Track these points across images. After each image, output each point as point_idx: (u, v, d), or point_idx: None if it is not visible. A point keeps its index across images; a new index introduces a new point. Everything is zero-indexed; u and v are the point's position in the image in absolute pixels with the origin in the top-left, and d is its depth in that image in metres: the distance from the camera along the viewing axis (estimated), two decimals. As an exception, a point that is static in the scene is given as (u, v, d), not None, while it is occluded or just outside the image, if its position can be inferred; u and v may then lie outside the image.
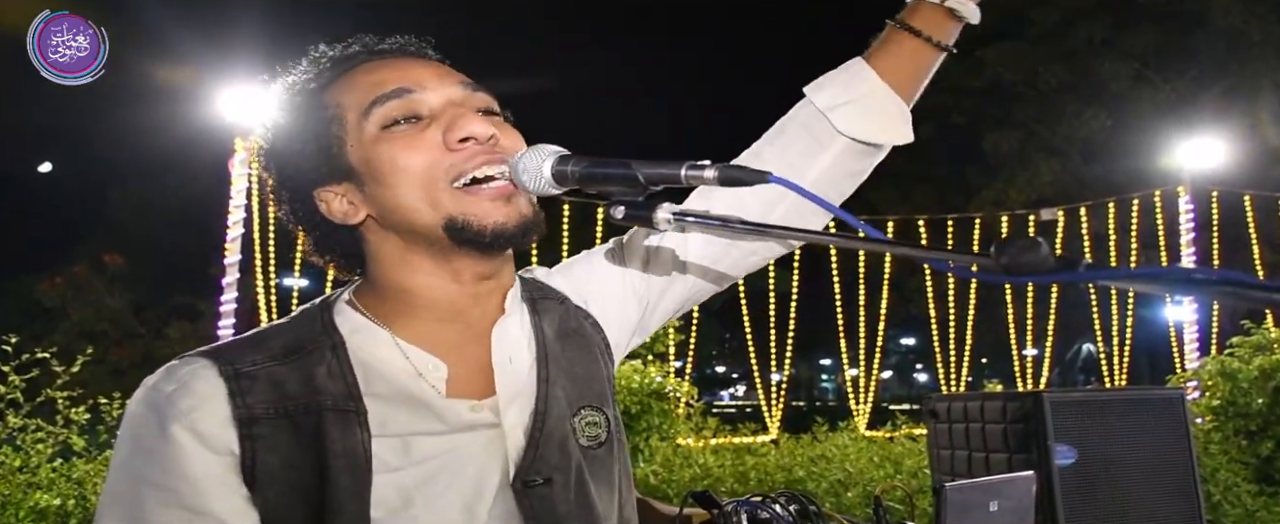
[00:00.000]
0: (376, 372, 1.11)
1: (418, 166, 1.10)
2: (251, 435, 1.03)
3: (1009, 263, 0.72)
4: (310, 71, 1.19)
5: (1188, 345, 10.56)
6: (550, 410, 1.15)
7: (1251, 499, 5.77)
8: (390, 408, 1.08)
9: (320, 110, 1.16)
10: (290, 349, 1.11)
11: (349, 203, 1.16)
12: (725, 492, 6.19)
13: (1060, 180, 18.70)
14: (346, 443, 1.04)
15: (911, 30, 1.33)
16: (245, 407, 1.04)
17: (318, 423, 1.05)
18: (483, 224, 1.10)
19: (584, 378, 1.22)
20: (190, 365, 1.08)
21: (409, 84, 1.14)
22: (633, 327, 1.36)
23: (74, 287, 19.73)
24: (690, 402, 8.84)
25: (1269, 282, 0.64)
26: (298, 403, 1.06)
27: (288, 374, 1.08)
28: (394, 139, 1.12)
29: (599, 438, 1.20)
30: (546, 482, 1.10)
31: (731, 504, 2.11)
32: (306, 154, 1.16)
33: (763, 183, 0.93)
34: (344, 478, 1.03)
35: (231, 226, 7.37)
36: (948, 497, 2.14)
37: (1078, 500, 3.60)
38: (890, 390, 48.54)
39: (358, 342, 1.14)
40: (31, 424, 5.27)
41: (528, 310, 1.24)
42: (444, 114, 1.13)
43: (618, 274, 1.34)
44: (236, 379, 1.06)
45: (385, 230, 1.16)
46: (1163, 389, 4.40)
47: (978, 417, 3.99)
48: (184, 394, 1.04)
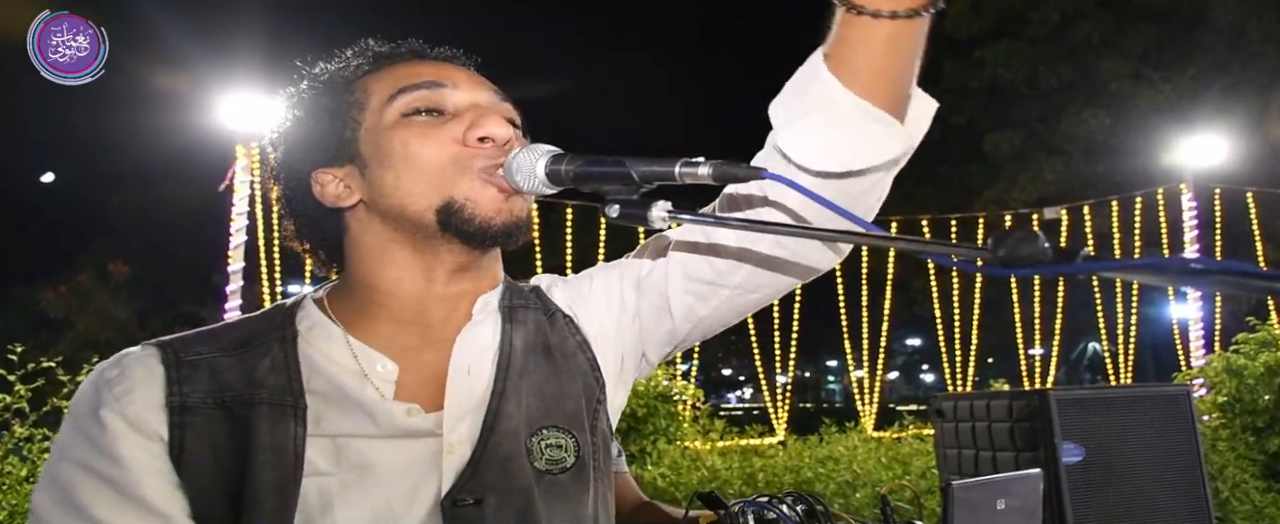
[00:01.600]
0: (319, 368, 1.10)
1: (428, 156, 1.11)
2: (182, 423, 1.03)
3: (1007, 255, 0.72)
4: (356, 60, 1.20)
5: (1193, 343, 10.53)
6: (497, 426, 1.10)
7: (1259, 496, 5.75)
8: (327, 406, 1.07)
9: (346, 94, 1.17)
10: (242, 341, 1.11)
11: (345, 186, 1.16)
12: (733, 493, 6.18)
13: (1063, 179, 18.67)
14: (276, 437, 1.03)
15: (850, 7, 0.99)
16: (179, 394, 1.04)
17: (250, 415, 1.04)
18: (474, 211, 1.10)
19: (553, 396, 1.17)
20: (137, 352, 1.10)
21: (440, 78, 1.15)
22: (635, 354, 1.29)
23: (78, 296, 19.75)
24: (697, 404, 8.83)
25: (1271, 271, 0.63)
26: (233, 394, 1.06)
27: (231, 366, 1.08)
28: (411, 126, 1.12)
29: (562, 463, 1.12)
30: (477, 502, 1.05)
31: (738, 505, 2.11)
32: (318, 132, 1.16)
33: (757, 179, 0.92)
34: (266, 473, 1.01)
35: (234, 234, 7.38)
36: (955, 495, 2.13)
37: (1085, 498, 3.59)
38: (897, 391, 48.53)
39: (309, 337, 1.13)
40: (37, 434, 5.27)
41: (501, 319, 1.20)
42: (467, 113, 1.14)
43: (616, 296, 1.28)
44: (177, 367, 1.06)
45: (371, 217, 1.16)
46: (1169, 386, 4.38)
47: (984, 416, 3.98)
48: (121, 379, 1.06)
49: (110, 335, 19.20)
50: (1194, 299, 10.85)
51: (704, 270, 1.18)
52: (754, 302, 1.24)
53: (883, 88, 1.03)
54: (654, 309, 1.25)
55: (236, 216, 7.41)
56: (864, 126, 1.03)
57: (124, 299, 20.47)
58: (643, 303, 1.25)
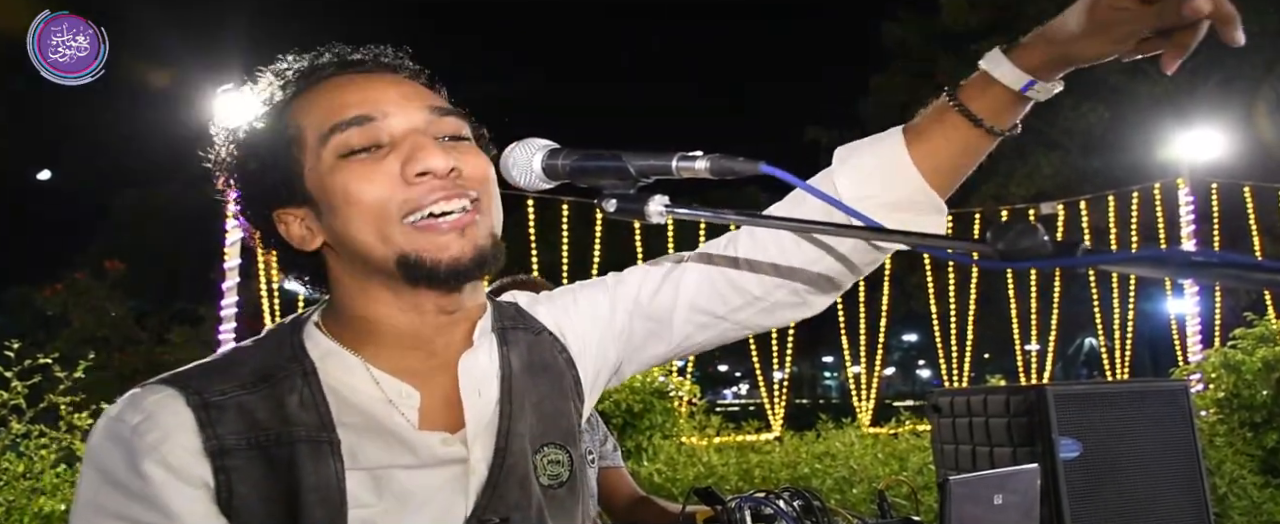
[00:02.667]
0: (347, 400, 1.08)
1: (370, 199, 1.06)
2: (225, 467, 1.00)
3: (1006, 248, 0.71)
4: (277, 83, 1.15)
5: (1190, 338, 10.54)
6: (511, 447, 1.11)
7: (1257, 491, 5.75)
8: (361, 439, 1.05)
9: (281, 129, 1.12)
10: (260, 376, 1.07)
11: (306, 228, 1.13)
12: (730, 489, 6.18)
13: (1059, 174, 18.69)
14: (320, 476, 1.01)
15: (969, 116, 1.12)
16: (216, 437, 1.01)
17: (291, 455, 1.02)
18: (436, 259, 1.06)
19: (551, 415, 1.18)
20: (155, 395, 1.04)
21: (370, 110, 1.09)
22: (610, 369, 1.31)
23: (75, 293, 19.69)
24: (693, 400, 8.84)
25: (1269, 262, 0.63)
26: (269, 433, 1.03)
27: (258, 403, 1.05)
28: (350, 168, 1.07)
29: (560, 478, 1.15)
30: (504, 521, 1.07)
31: (735, 500, 2.11)
32: (265, 173, 1.12)
33: (753, 173, 0.91)
34: (317, 511, 1.00)
35: (230, 231, 7.37)
36: (952, 490, 2.13)
37: (1082, 493, 3.59)
38: (893, 387, 48.54)
39: (328, 368, 1.10)
40: (35, 431, 5.26)
41: (496, 342, 1.20)
42: (405, 142, 1.08)
43: (604, 314, 1.28)
44: (205, 409, 1.02)
45: (342, 259, 1.13)
46: (1167, 381, 4.38)
47: (981, 411, 3.98)
48: (151, 427, 1.00)
49: (107, 332, 19.17)
50: (1191, 294, 10.86)
51: (715, 305, 1.23)
52: (744, 333, 1.30)
53: (945, 183, 1.16)
54: (647, 333, 1.27)
55: (232, 214, 7.40)
56: (925, 211, 1.16)
57: (120, 296, 20.42)
58: (636, 325, 1.27)
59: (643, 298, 1.25)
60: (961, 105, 1.12)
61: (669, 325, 1.24)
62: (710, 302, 1.21)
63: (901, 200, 1.14)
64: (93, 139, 29.52)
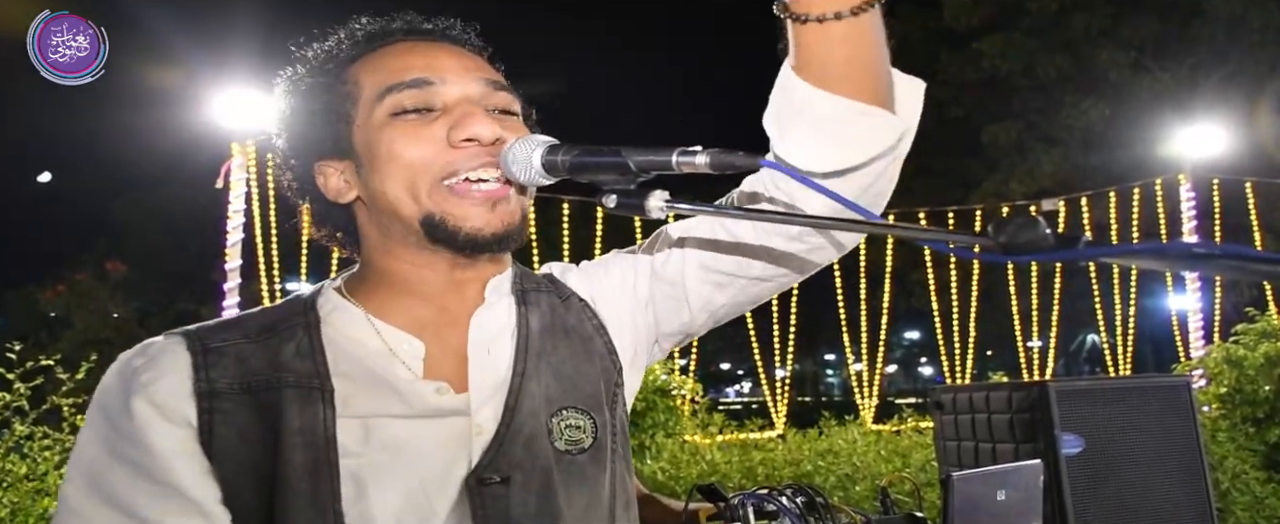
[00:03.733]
0: (345, 350, 1.10)
1: (412, 158, 1.09)
2: (210, 409, 1.03)
3: (1007, 242, 0.71)
4: (347, 42, 1.19)
5: (1192, 334, 10.52)
6: (521, 406, 1.10)
7: (1260, 486, 5.75)
8: (355, 387, 1.07)
9: (339, 84, 1.15)
10: (265, 328, 1.11)
11: (344, 181, 1.16)
12: (733, 487, 6.18)
13: (1061, 171, 18.65)
14: (305, 420, 1.03)
15: (795, 17, 1.04)
16: (207, 381, 1.04)
17: (278, 399, 1.04)
18: (458, 225, 1.09)
19: (572, 378, 1.17)
20: (162, 341, 1.10)
21: (429, 74, 1.13)
22: (648, 338, 1.29)
23: (77, 295, 19.75)
24: (696, 398, 8.83)
25: (1270, 253, 0.63)
26: (260, 379, 1.06)
27: (255, 351, 1.08)
28: (398, 127, 1.11)
29: (581, 443, 1.13)
30: (503, 480, 1.05)
31: (738, 497, 2.10)
32: (315, 124, 1.16)
33: (754, 168, 0.92)
34: (296, 454, 1.01)
35: (231, 231, 7.37)
36: (955, 487, 2.13)
37: (1085, 489, 3.59)
38: (896, 384, 48.53)
39: (333, 321, 1.13)
40: (38, 432, 5.27)
41: (515, 302, 1.20)
42: (456, 109, 1.11)
43: (630, 282, 1.27)
44: (203, 354, 1.06)
45: (372, 213, 1.16)
46: (1169, 377, 4.38)
47: (984, 407, 3.98)
48: (148, 367, 1.05)
49: (109, 334, 19.20)
50: (1193, 290, 10.85)
51: (723, 262, 1.19)
52: (769, 289, 1.25)
53: (856, 82, 1.04)
54: (669, 299, 1.25)
55: (233, 214, 7.40)
56: (852, 123, 1.05)
57: (122, 298, 20.46)
58: (657, 292, 1.25)
59: (656, 264, 1.25)
60: (798, 15, 1.03)
61: (684, 288, 1.23)
62: (717, 260, 1.20)
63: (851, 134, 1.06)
64: (94, 141, 29.56)
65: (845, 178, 1.07)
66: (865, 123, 1.05)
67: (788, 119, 1.08)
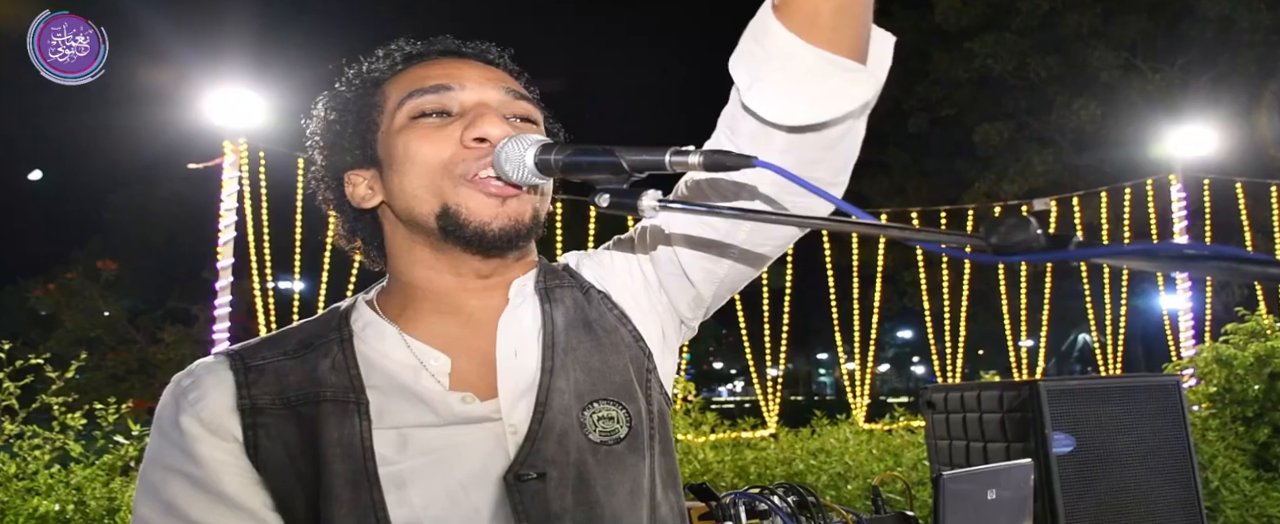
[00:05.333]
0: (377, 365, 1.15)
1: (428, 157, 1.13)
2: (255, 424, 1.10)
3: (999, 242, 0.72)
4: (384, 63, 1.24)
5: (1183, 333, 10.56)
6: (551, 402, 1.13)
7: (1249, 485, 5.77)
8: (388, 400, 1.11)
9: (370, 98, 1.20)
10: (303, 345, 1.17)
11: (369, 188, 1.21)
12: (725, 485, 6.19)
13: (1052, 171, 18.71)
14: (343, 432, 1.08)
15: None
16: (249, 397, 1.11)
17: (316, 413, 1.09)
18: (468, 218, 1.12)
19: (600, 370, 1.19)
20: (208, 361, 1.18)
21: (448, 81, 1.17)
22: (672, 320, 1.30)
23: (67, 293, 19.64)
24: (688, 397, 8.84)
25: (1261, 255, 0.63)
26: (298, 394, 1.12)
27: (294, 368, 1.14)
28: (416, 129, 1.15)
29: (616, 433, 1.15)
30: (540, 476, 1.08)
31: (730, 496, 2.11)
32: (345, 135, 1.21)
33: (748, 167, 0.92)
34: (338, 465, 1.06)
35: (223, 230, 7.35)
36: (946, 486, 2.14)
37: (1076, 488, 3.60)
38: (888, 383, 48.64)
39: (366, 336, 1.18)
40: (28, 431, 5.25)
41: (540, 301, 1.23)
42: (471, 112, 1.15)
43: (635, 270, 1.30)
44: (245, 372, 1.13)
45: (395, 219, 1.20)
46: (1160, 376, 4.40)
47: (975, 406, 3.99)
48: (195, 387, 1.13)
49: (99, 332, 19.11)
50: (1183, 289, 10.89)
51: (706, 232, 1.21)
52: (767, 253, 1.23)
53: (841, 34, 1.01)
54: (672, 277, 1.27)
55: (225, 212, 7.38)
56: (829, 76, 1.01)
57: (113, 296, 20.37)
58: (660, 273, 1.28)
59: (650, 249, 1.28)
60: None
61: (681, 265, 1.25)
62: (700, 231, 1.21)
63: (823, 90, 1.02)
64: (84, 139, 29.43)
65: (817, 132, 1.04)
66: (843, 78, 1.02)
67: (761, 66, 1.03)
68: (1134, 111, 17.69)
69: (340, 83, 1.26)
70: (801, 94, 1.02)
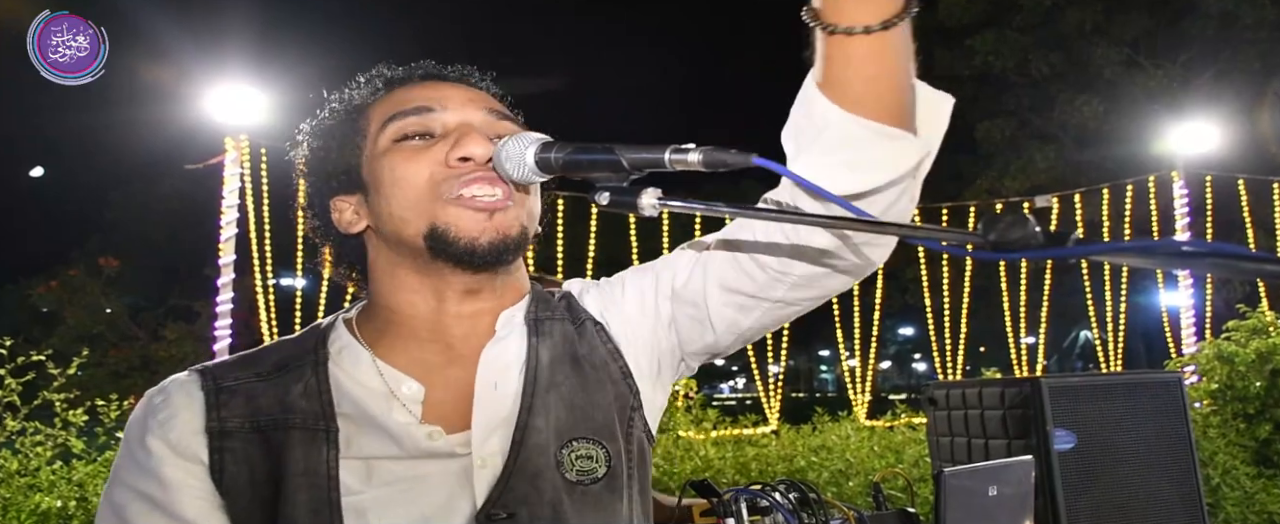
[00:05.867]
0: (347, 392, 1.13)
1: (413, 178, 1.12)
2: (221, 447, 1.08)
3: (998, 239, 0.72)
4: (367, 88, 1.23)
5: (1184, 330, 10.56)
6: (527, 440, 1.11)
7: (1250, 482, 5.78)
8: (357, 429, 1.10)
9: (352, 124, 1.20)
10: (278, 366, 1.15)
11: (355, 212, 1.20)
12: (727, 482, 6.19)
13: (1054, 167, 18.70)
14: (309, 462, 1.06)
15: (824, 26, 0.99)
16: (218, 420, 1.09)
17: (284, 439, 1.08)
18: (458, 235, 1.11)
19: (583, 408, 1.17)
20: (181, 378, 1.15)
21: (430, 103, 1.17)
22: (672, 358, 1.27)
23: (69, 290, 19.66)
24: (690, 394, 8.84)
25: (1261, 253, 0.63)
26: (267, 418, 1.10)
27: (265, 391, 1.12)
28: (400, 151, 1.14)
29: (594, 473, 1.13)
30: (510, 516, 1.07)
31: (731, 493, 2.11)
32: (330, 161, 1.20)
33: (746, 165, 0.91)
34: (300, 495, 1.05)
35: (225, 227, 7.36)
36: (947, 482, 2.14)
37: (1077, 484, 3.60)
38: (889, 380, 48.64)
39: (341, 360, 1.16)
40: (30, 428, 5.26)
41: (527, 333, 1.20)
42: (454, 133, 1.15)
43: (650, 301, 1.25)
44: (216, 393, 1.11)
45: (381, 243, 1.19)
46: (1161, 373, 4.40)
47: (976, 403, 3.99)
48: (165, 406, 1.11)
49: (101, 329, 19.14)
50: (1185, 286, 10.88)
51: (744, 284, 1.15)
52: (794, 312, 1.21)
53: (880, 102, 1.00)
54: (691, 321, 1.22)
55: (227, 209, 7.39)
56: (872, 145, 1.01)
57: (115, 293, 20.39)
58: (679, 313, 1.23)
59: (677, 284, 1.23)
60: (827, 24, 0.99)
61: (706, 310, 1.20)
62: (738, 281, 1.16)
63: (867, 157, 1.01)
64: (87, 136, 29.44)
65: (865, 200, 1.02)
66: (886, 146, 1.01)
67: (806, 137, 1.04)
68: (1136, 108, 17.67)
69: (324, 110, 1.25)
70: (844, 164, 1.01)
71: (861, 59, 0.98)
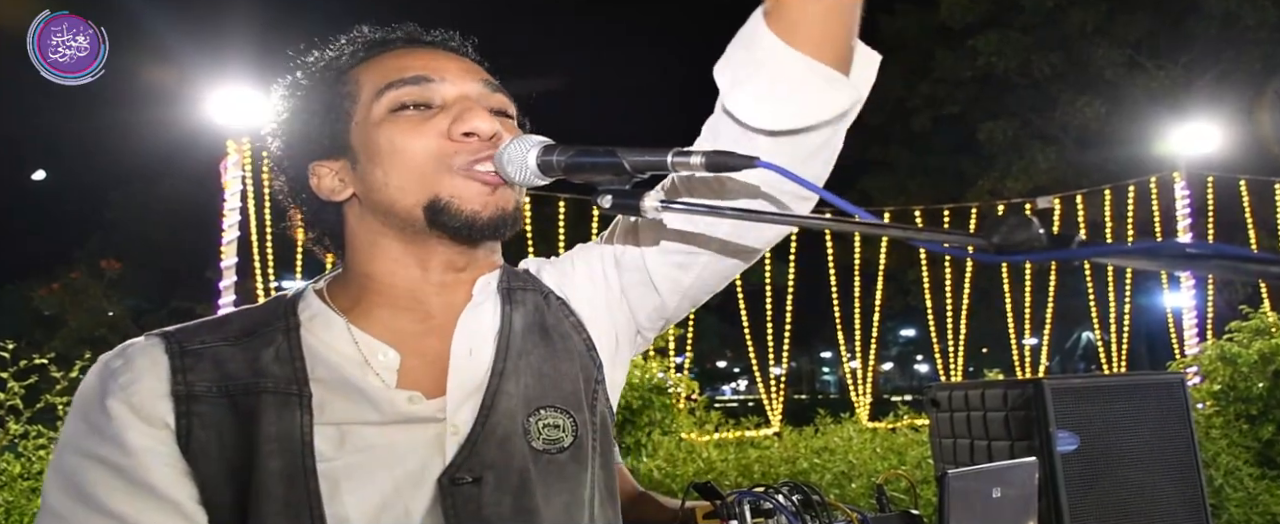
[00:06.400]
0: (322, 357, 1.11)
1: (415, 151, 1.11)
2: (188, 412, 1.03)
3: (1001, 242, 0.72)
4: (348, 49, 1.21)
5: (1187, 331, 10.55)
6: (496, 405, 1.11)
7: (1253, 483, 5.77)
8: (330, 394, 1.07)
9: (339, 85, 1.17)
10: (245, 331, 1.12)
11: (339, 180, 1.17)
12: (729, 484, 6.19)
13: (1056, 168, 18.70)
14: (282, 426, 1.03)
15: None
16: (184, 383, 1.05)
17: (255, 404, 1.04)
18: (460, 207, 1.10)
19: (552, 377, 1.17)
20: (141, 342, 1.10)
21: (429, 73, 1.15)
22: (629, 330, 1.29)
23: (71, 293, 19.70)
24: (692, 396, 8.83)
25: (1264, 254, 0.63)
26: (238, 383, 1.06)
27: (234, 354, 1.08)
28: (399, 122, 1.13)
29: (560, 442, 1.13)
30: (475, 480, 1.05)
31: (734, 495, 2.11)
32: (313, 125, 1.18)
33: (750, 167, 0.91)
34: (273, 461, 1.02)
35: (226, 230, 7.36)
36: (950, 484, 2.13)
37: (1080, 486, 3.60)
38: (892, 382, 48.61)
39: (313, 327, 1.14)
40: (32, 431, 5.26)
41: (501, 301, 1.21)
42: (455, 106, 1.14)
43: (599, 276, 1.28)
44: (181, 356, 1.07)
45: (364, 211, 1.17)
46: (1164, 374, 4.39)
47: (979, 405, 3.98)
48: (126, 369, 1.06)
49: (103, 332, 19.16)
50: (1187, 287, 10.87)
51: (677, 241, 1.20)
52: (734, 265, 1.24)
53: (827, 44, 1.04)
54: (638, 285, 1.25)
55: (228, 212, 7.39)
56: (811, 84, 1.04)
57: (117, 296, 20.41)
58: (625, 280, 1.26)
59: (617, 253, 1.26)
60: None
61: (647, 272, 1.23)
62: (672, 239, 1.20)
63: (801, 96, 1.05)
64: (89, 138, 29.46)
65: (794, 139, 1.07)
66: (824, 87, 1.05)
67: (745, 70, 1.07)
68: (1138, 109, 17.66)
69: (298, 71, 1.22)
70: (781, 98, 1.04)
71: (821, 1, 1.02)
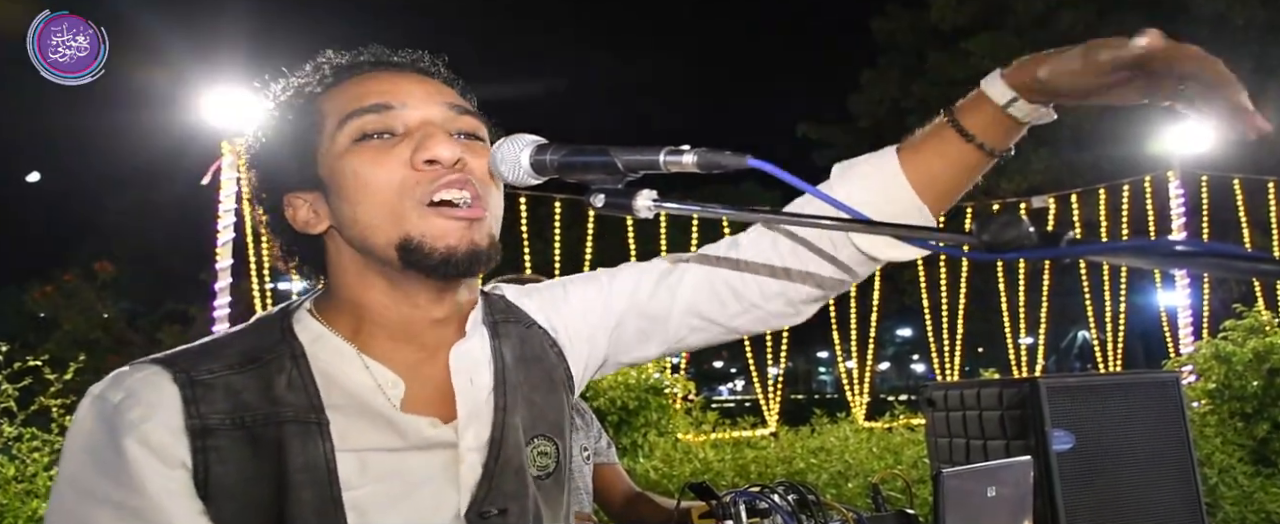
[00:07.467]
0: (337, 383, 1.08)
1: (380, 182, 1.08)
2: (204, 448, 0.98)
3: (992, 240, 0.72)
4: (314, 76, 1.17)
5: (1182, 330, 10.57)
6: (506, 438, 1.12)
7: (1248, 481, 5.79)
8: (349, 421, 1.05)
9: (306, 116, 1.14)
10: (248, 357, 1.07)
11: (313, 212, 1.14)
12: (725, 484, 6.19)
13: (1051, 168, 18.71)
14: (309, 456, 1.01)
15: (961, 131, 1.15)
16: (199, 416, 1.00)
17: (279, 435, 1.01)
18: (433, 246, 1.07)
19: (541, 406, 1.20)
20: (140, 372, 1.04)
21: (390, 99, 1.11)
22: (598, 363, 1.32)
23: (65, 295, 19.66)
24: (688, 397, 8.83)
25: (1255, 252, 0.63)
26: (256, 414, 1.02)
27: (245, 383, 1.04)
28: (362, 152, 1.09)
29: (548, 469, 1.17)
30: (501, 512, 1.07)
31: (730, 495, 2.11)
32: (283, 157, 1.15)
33: (741, 166, 0.91)
34: (305, 492, 0.99)
35: (221, 231, 7.35)
36: (945, 483, 2.14)
37: (1076, 484, 3.60)
38: (888, 381, 48.63)
39: (318, 351, 1.11)
40: (26, 433, 5.24)
41: (489, 333, 1.21)
42: (417, 132, 1.10)
43: (597, 309, 1.28)
44: (191, 387, 1.01)
45: (344, 244, 1.14)
46: (1159, 373, 4.40)
47: (975, 404, 3.99)
48: (133, 403, 1.00)
49: (97, 334, 19.12)
50: (1182, 286, 10.89)
51: (714, 310, 1.25)
52: (736, 337, 1.31)
53: (942, 203, 1.19)
54: (639, 332, 1.28)
55: (223, 214, 7.37)
56: (902, 211, 1.17)
57: (111, 298, 20.37)
58: (629, 322, 1.28)
59: (640, 297, 1.26)
60: (955, 120, 1.14)
61: (664, 326, 1.25)
62: (709, 306, 1.23)
63: (894, 214, 1.16)
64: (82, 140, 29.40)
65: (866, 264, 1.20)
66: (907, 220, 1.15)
67: (855, 183, 1.17)
68: (1131, 109, 17.50)
69: (271, 100, 1.19)
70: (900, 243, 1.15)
71: (959, 164, 1.17)
